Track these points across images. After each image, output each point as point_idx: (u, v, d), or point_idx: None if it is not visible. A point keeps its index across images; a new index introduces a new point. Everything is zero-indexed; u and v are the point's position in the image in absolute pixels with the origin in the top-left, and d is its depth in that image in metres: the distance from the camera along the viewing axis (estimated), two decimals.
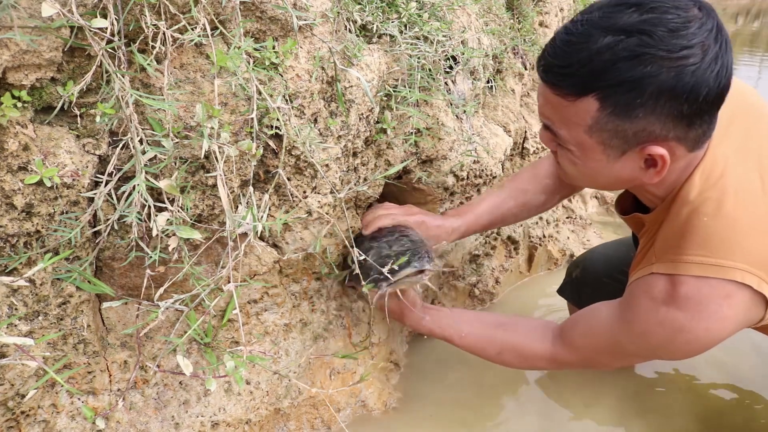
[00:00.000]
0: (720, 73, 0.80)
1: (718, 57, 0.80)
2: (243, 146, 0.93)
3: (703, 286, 0.90)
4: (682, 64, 0.78)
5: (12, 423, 0.90)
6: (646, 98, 0.81)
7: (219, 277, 0.95)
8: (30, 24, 0.72)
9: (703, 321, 0.91)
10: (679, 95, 0.80)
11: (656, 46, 0.78)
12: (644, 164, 0.89)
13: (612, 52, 0.80)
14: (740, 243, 0.89)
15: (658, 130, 0.84)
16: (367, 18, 1.20)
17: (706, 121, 0.85)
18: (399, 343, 1.53)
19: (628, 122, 0.84)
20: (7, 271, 0.83)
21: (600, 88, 0.83)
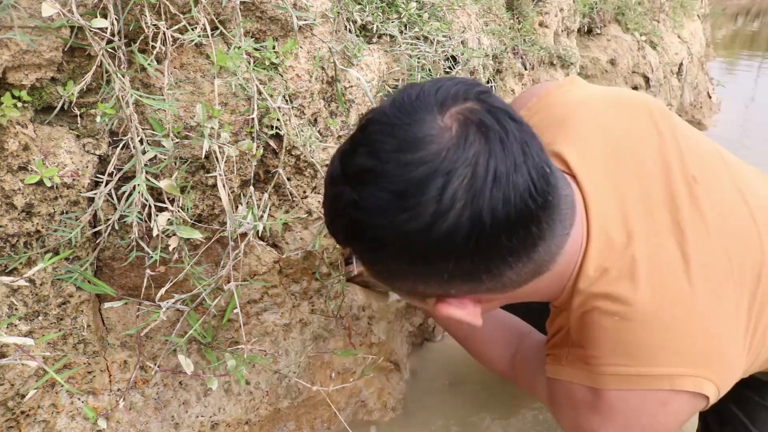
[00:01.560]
0: (476, 219, 0.59)
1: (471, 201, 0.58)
2: (243, 146, 0.93)
3: (631, 398, 0.74)
4: (404, 230, 0.60)
5: (12, 423, 0.90)
6: (388, 263, 0.67)
7: (219, 276, 0.95)
8: (30, 24, 0.72)
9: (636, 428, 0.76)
10: (416, 262, 0.64)
11: (370, 209, 0.62)
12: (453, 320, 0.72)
13: (339, 208, 0.66)
14: (661, 343, 0.72)
15: (430, 291, 0.69)
16: (367, 18, 1.20)
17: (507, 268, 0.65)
18: (399, 344, 1.53)
19: (392, 281, 0.71)
20: (7, 271, 0.83)
21: (347, 245, 0.71)
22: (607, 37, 2.69)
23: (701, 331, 0.73)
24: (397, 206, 0.60)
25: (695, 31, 3.73)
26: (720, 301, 0.74)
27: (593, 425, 0.78)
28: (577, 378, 0.78)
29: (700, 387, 0.73)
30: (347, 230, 0.67)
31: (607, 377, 0.75)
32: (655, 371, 0.72)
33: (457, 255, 0.62)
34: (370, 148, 0.62)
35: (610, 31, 2.73)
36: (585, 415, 0.78)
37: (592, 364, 0.76)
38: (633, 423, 0.76)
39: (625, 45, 2.69)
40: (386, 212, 0.61)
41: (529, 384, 0.98)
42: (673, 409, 0.74)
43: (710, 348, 0.73)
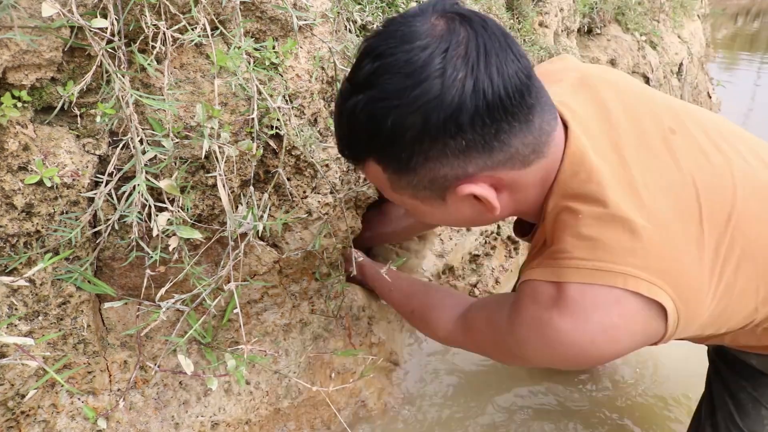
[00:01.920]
0: (478, 88, 0.69)
1: (467, 76, 0.69)
2: (243, 146, 0.93)
3: (587, 291, 0.78)
4: (421, 103, 0.70)
5: (12, 423, 0.90)
6: (409, 149, 0.74)
7: (219, 276, 0.95)
8: (30, 24, 0.72)
9: (588, 331, 0.78)
10: (438, 134, 0.72)
11: (386, 97, 0.71)
12: (476, 200, 0.80)
13: (357, 115, 0.74)
14: (621, 243, 0.77)
15: (450, 172, 0.76)
16: (367, 18, 1.20)
17: (512, 137, 0.74)
18: (399, 343, 1.53)
19: (414, 175, 0.77)
20: (7, 271, 0.83)
21: (369, 151, 0.78)
22: (607, 37, 2.69)
23: (659, 243, 0.77)
24: (409, 84, 0.70)
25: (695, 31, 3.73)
26: (682, 224, 0.79)
27: (555, 322, 0.80)
28: (544, 275, 0.83)
29: (654, 294, 0.76)
30: (366, 132, 0.75)
31: (568, 270, 0.79)
32: (611, 267, 0.76)
33: (470, 119, 0.70)
34: (374, 54, 0.72)
35: (610, 31, 2.73)
36: (548, 313, 0.81)
37: (557, 259, 0.81)
38: (589, 318, 0.78)
39: (625, 45, 2.69)
40: (402, 92, 0.70)
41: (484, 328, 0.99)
42: (627, 310, 0.77)
43: (666, 260, 0.77)
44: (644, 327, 0.79)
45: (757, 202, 0.83)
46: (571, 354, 0.81)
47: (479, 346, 1.02)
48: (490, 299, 1.03)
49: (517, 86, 0.72)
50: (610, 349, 0.81)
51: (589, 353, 0.81)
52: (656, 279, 0.76)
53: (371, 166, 0.80)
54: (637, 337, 0.80)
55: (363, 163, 0.81)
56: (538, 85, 0.76)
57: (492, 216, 0.83)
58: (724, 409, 1.05)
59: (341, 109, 0.77)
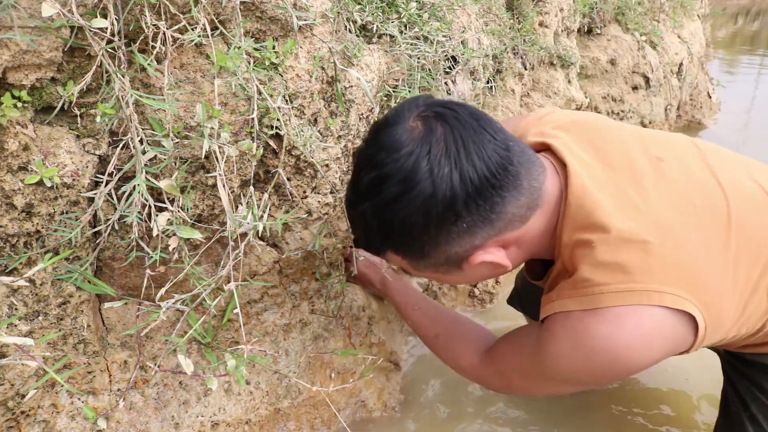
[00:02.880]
0: (465, 177, 0.78)
1: (453, 169, 0.78)
2: (243, 146, 0.93)
3: (620, 313, 0.81)
4: (418, 203, 0.79)
5: (12, 423, 0.90)
6: (419, 240, 0.83)
7: (219, 276, 0.95)
8: (30, 24, 0.72)
9: (623, 338, 0.81)
10: (441, 224, 0.81)
11: (388, 203, 0.80)
12: (489, 263, 0.87)
13: (368, 220, 0.84)
14: (638, 263, 0.81)
15: (460, 249, 0.85)
16: (367, 18, 1.20)
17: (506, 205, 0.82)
18: (399, 343, 1.53)
19: (429, 258, 0.87)
20: (7, 271, 0.83)
21: (386, 246, 0.88)
22: (607, 37, 2.69)
23: (672, 256, 0.82)
24: (405, 189, 0.79)
25: (695, 31, 3.73)
26: (688, 234, 0.84)
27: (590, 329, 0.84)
28: (571, 305, 0.86)
29: (680, 304, 0.80)
30: (381, 233, 0.85)
31: (593, 297, 0.83)
32: (633, 287, 0.81)
33: (464, 205, 0.79)
34: (369, 165, 0.82)
35: (610, 31, 2.73)
36: (582, 323, 0.85)
37: (579, 288, 0.85)
38: (624, 325, 0.82)
39: (625, 45, 2.69)
40: (400, 198, 0.80)
41: (512, 359, 1.02)
42: (658, 321, 0.81)
43: (682, 271, 0.82)
44: (675, 333, 0.83)
45: (749, 210, 0.89)
46: (606, 361, 0.84)
47: (504, 377, 1.05)
48: (514, 331, 1.07)
49: (498, 163, 0.80)
50: (645, 356, 0.84)
51: (624, 360, 0.83)
52: (677, 290, 0.80)
53: (391, 255, 0.90)
54: (670, 343, 0.84)
55: (383, 254, 0.90)
56: (518, 150, 0.84)
57: (506, 270, 0.91)
58: (758, 402, 1.07)
59: (352, 215, 0.89)
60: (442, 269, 0.90)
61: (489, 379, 1.10)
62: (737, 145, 3.40)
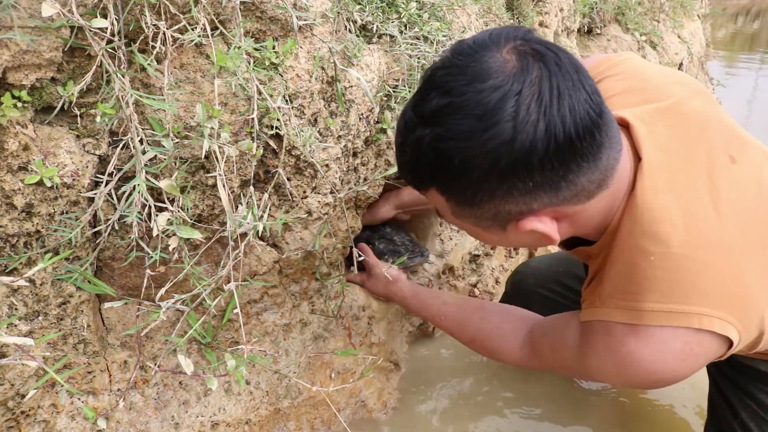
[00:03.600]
0: (550, 131, 0.68)
1: (540, 118, 0.68)
2: (243, 146, 0.93)
3: (665, 332, 0.81)
4: (490, 146, 0.69)
5: (12, 423, 0.90)
6: (476, 187, 0.74)
7: (219, 276, 0.95)
8: (30, 24, 0.72)
9: (670, 362, 0.82)
10: (506, 176, 0.71)
11: (454, 137, 0.70)
12: (536, 232, 0.79)
13: (422, 150, 0.74)
14: (694, 284, 0.79)
15: (515, 208, 0.76)
16: (367, 18, 1.20)
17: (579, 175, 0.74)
18: (399, 343, 1.53)
19: (477, 209, 0.77)
20: (7, 271, 0.83)
21: (432, 182, 0.78)
22: (607, 37, 2.69)
23: (729, 279, 0.79)
24: (481, 128, 0.69)
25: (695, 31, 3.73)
26: (752, 256, 0.81)
27: (630, 348, 0.83)
28: (613, 316, 0.84)
29: (726, 330, 0.79)
30: (433, 166, 0.75)
31: (644, 313, 0.81)
32: (685, 309, 0.78)
33: (540, 162, 0.70)
34: (442, 90, 0.71)
35: (610, 31, 2.73)
36: (624, 342, 0.83)
37: (628, 301, 0.82)
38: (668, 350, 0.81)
39: (625, 45, 2.69)
40: (472, 135, 0.70)
41: (551, 354, 1.02)
42: (700, 346, 0.80)
43: (735, 295, 0.79)
44: (715, 353, 0.83)
45: None
46: (646, 379, 0.85)
47: (551, 368, 1.06)
48: (550, 324, 1.05)
49: (587, 126, 0.71)
50: (683, 374, 0.84)
51: (664, 378, 0.84)
52: (727, 315, 0.79)
53: (434, 194, 0.80)
54: (705, 360, 0.84)
55: (425, 190, 0.81)
56: (607, 119, 0.75)
57: (551, 244, 0.84)
58: (748, 410, 1.08)
59: (405, 138, 0.77)
60: (485, 224, 0.81)
61: (537, 368, 1.13)
62: None
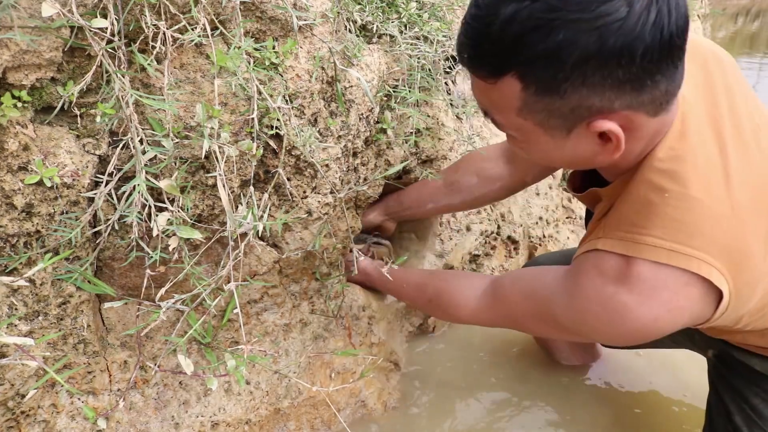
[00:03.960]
0: (658, 22, 0.66)
1: (652, 4, 0.66)
2: (243, 146, 0.93)
3: (659, 272, 0.79)
4: (602, 23, 0.65)
5: (12, 423, 0.90)
6: (570, 70, 0.69)
7: (219, 276, 0.95)
8: (30, 24, 0.72)
9: (654, 309, 0.80)
10: (608, 61, 0.68)
11: (566, 8, 0.66)
12: (599, 140, 0.77)
13: (518, 23, 0.67)
14: (701, 229, 0.78)
15: (597, 103, 0.72)
16: (367, 18, 1.20)
17: (662, 79, 0.71)
18: (399, 343, 1.53)
19: (558, 99, 0.72)
20: (7, 271, 0.83)
21: (515, 66, 0.71)
22: None
23: (737, 235, 0.79)
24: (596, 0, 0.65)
25: (695, 31, 3.73)
26: (758, 218, 0.81)
27: (622, 298, 0.81)
28: (613, 246, 0.83)
29: (720, 282, 0.78)
30: (525, 44, 0.69)
31: (645, 247, 0.79)
32: (689, 251, 0.77)
33: (642, 52, 0.67)
34: None
35: None
36: (614, 287, 0.82)
37: (632, 233, 0.81)
38: (658, 297, 0.80)
39: None
40: (585, 6, 0.65)
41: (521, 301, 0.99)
42: (693, 293, 0.79)
43: (739, 252, 0.79)
44: (701, 310, 0.81)
45: None
46: (631, 330, 0.83)
47: (513, 319, 1.02)
48: (522, 272, 1.03)
49: (684, 26, 0.69)
50: (668, 328, 0.82)
51: (648, 330, 0.82)
52: (725, 269, 0.78)
53: (508, 82, 0.73)
54: (694, 316, 0.82)
55: (498, 77, 0.74)
56: None
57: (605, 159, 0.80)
58: (742, 414, 1.07)
59: (493, 13, 0.69)
60: (553, 123, 0.76)
61: (494, 321, 1.06)
62: None
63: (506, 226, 1.78)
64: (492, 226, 1.70)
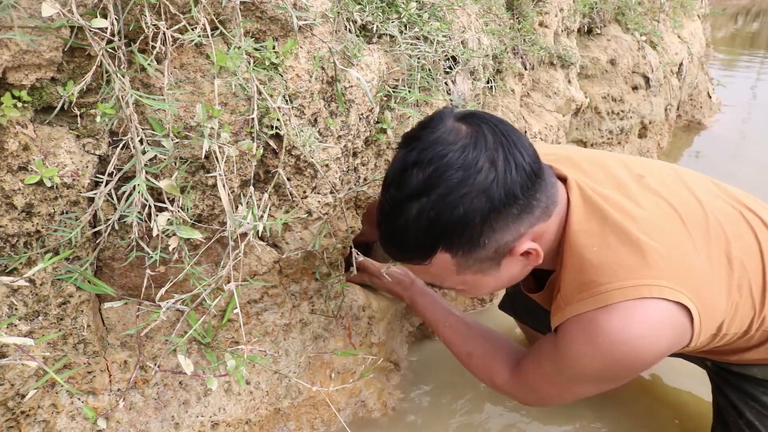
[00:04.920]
0: (519, 164, 0.86)
1: (507, 157, 0.85)
2: (243, 146, 0.93)
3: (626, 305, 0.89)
4: (483, 187, 0.84)
5: (12, 423, 0.90)
6: (480, 228, 0.87)
7: (219, 276, 0.95)
8: (30, 24, 0.72)
9: (635, 329, 0.89)
10: (501, 208, 0.86)
11: (452, 191, 0.84)
12: (523, 257, 0.94)
13: (425, 215, 0.85)
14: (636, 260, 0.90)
15: (510, 237, 0.90)
16: (367, 18, 1.20)
17: (541, 194, 0.91)
18: (399, 343, 1.53)
19: (482, 250, 0.90)
20: (7, 271, 0.83)
21: (439, 244, 0.89)
22: (607, 37, 2.68)
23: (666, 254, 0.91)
24: (470, 174, 0.84)
25: (695, 31, 3.72)
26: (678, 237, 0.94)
27: (603, 324, 0.90)
28: (579, 308, 0.93)
29: (677, 297, 0.88)
30: (435, 231, 0.87)
31: (600, 296, 0.91)
32: (635, 283, 0.89)
33: (520, 188, 0.87)
34: (422, 162, 0.85)
35: (610, 31, 2.73)
36: (594, 321, 0.91)
37: (586, 291, 0.93)
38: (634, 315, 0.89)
39: (625, 45, 2.69)
40: (466, 183, 0.84)
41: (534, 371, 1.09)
42: (661, 310, 0.89)
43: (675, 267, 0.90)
44: (677, 322, 0.90)
45: (727, 224, 0.98)
46: (623, 352, 0.90)
47: (534, 390, 1.11)
48: (534, 346, 1.13)
49: (535, 156, 0.89)
50: (656, 344, 0.91)
51: (638, 350, 0.90)
52: (674, 284, 0.89)
53: (439, 258, 0.91)
54: (675, 333, 0.91)
55: (430, 257, 0.91)
56: (542, 162, 0.93)
57: (532, 266, 0.97)
58: (753, 411, 1.11)
59: (398, 221, 0.88)
60: (485, 267, 0.93)
61: (522, 395, 1.16)
62: (736, 145, 3.40)
63: None
64: None
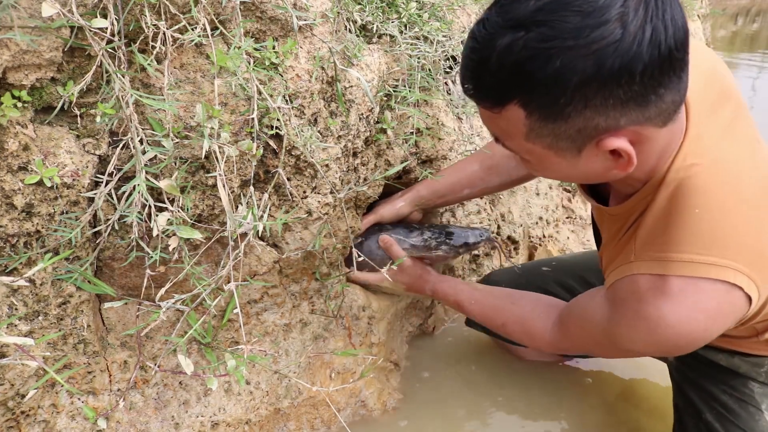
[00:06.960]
0: (655, 39, 0.67)
1: (647, 22, 0.67)
2: (243, 146, 0.93)
3: (693, 284, 0.82)
4: (597, 47, 0.67)
5: (12, 423, 0.90)
6: (571, 95, 0.70)
7: (219, 276, 0.95)
8: (30, 24, 0.72)
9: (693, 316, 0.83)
10: (607, 83, 0.69)
11: (560, 36, 0.67)
12: (611, 156, 0.78)
13: (515, 54, 0.69)
14: (733, 238, 0.81)
15: (603, 123, 0.73)
16: (367, 18, 1.20)
17: (666, 92, 0.72)
18: (399, 343, 1.53)
19: (563, 123, 0.74)
20: (7, 271, 0.83)
21: (516, 95, 0.73)
22: None
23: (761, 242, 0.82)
24: (589, 25, 0.66)
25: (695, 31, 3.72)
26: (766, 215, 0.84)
27: (661, 310, 0.83)
28: (646, 268, 0.85)
29: (750, 289, 0.81)
30: (523, 73, 0.70)
31: (681, 264, 0.82)
32: (722, 262, 0.80)
33: (642, 70, 0.68)
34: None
35: None
36: (653, 302, 0.84)
37: (666, 252, 0.83)
38: (700, 307, 0.82)
39: None
40: (579, 33, 0.66)
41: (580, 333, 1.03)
42: (731, 300, 0.82)
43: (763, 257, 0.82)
44: (740, 312, 0.84)
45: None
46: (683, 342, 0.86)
47: (583, 348, 1.08)
48: (575, 302, 1.07)
49: (683, 41, 0.70)
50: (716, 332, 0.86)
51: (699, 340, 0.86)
52: (754, 274, 0.81)
53: (512, 110, 0.75)
54: (734, 320, 0.86)
55: (502, 107, 0.75)
56: None
57: (620, 174, 0.81)
58: (713, 412, 1.09)
59: (490, 46, 0.71)
60: (561, 146, 0.78)
61: (569, 350, 1.13)
62: None
63: (506, 226, 1.78)
64: (492, 226, 1.70)
